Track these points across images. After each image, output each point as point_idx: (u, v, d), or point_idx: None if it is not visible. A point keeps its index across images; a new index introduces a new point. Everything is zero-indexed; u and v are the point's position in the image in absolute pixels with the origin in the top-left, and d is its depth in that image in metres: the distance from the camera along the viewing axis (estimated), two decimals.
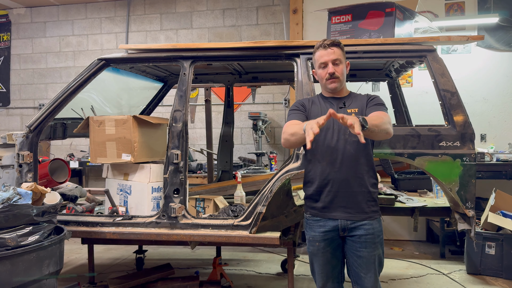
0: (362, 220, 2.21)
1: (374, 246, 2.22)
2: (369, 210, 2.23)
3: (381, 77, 3.95)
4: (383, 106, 2.29)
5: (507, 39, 5.14)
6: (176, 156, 2.90)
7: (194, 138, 6.31)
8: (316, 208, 2.27)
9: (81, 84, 3.08)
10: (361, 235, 2.21)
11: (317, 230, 2.27)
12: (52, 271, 2.46)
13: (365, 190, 2.22)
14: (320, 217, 2.26)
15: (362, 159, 2.22)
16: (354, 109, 2.28)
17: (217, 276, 3.58)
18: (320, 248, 2.27)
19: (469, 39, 2.90)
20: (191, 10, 6.33)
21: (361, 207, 2.21)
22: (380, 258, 2.26)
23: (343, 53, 2.31)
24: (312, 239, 2.30)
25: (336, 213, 2.23)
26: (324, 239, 2.26)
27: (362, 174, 2.21)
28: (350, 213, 2.21)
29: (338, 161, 2.20)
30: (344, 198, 2.21)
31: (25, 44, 6.89)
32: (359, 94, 2.42)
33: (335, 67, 2.26)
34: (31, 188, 2.57)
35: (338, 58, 2.26)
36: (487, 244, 3.99)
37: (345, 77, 2.32)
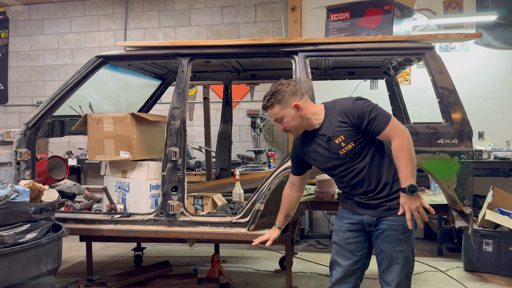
0: (386, 216, 2.22)
1: (397, 242, 2.20)
2: (394, 206, 2.21)
3: (379, 75, 3.95)
4: (379, 117, 2.13)
5: (505, 37, 5.15)
6: (174, 153, 2.90)
7: (192, 136, 6.31)
8: (348, 203, 2.35)
9: (79, 81, 3.08)
10: (384, 229, 2.22)
11: (344, 221, 2.34)
12: (50, 268, 2.46)
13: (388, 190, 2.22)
14: (350, 211, 2.33)
15: (374, 168, 2.21)
16: (340, 138, 2.18)
17: (215, 273, 3.58)
18: (344, 239, 2.32)
19: (467, 36, 2.90)
20: (189, 8, 6.32)
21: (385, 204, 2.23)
22: (406, 256, 2.21)
23: (281, 105, 2.23)
24: (338, 228, 2.37)
25: (362, 209, 2.28)
26: (350, 230, 2.31)
27: (375, 178, 2.22)
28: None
29: (355, 182, 2.24)
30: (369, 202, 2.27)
31: (23, 41, 6.88)
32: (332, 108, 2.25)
33: (280, 125, 2.28)
34: (29, 186, 2.56)
35: (277, 118, 2.26)
36: (485, 241, 4.00)
37: (298, 122, 2.24)
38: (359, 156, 2.19)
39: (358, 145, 2.17)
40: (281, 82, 2.31)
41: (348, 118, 2.16)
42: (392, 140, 2.11)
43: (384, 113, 2.15)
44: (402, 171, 2.09)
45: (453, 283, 3.84)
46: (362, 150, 2.19)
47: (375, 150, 2.22)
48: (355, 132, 2.16)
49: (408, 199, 2.09)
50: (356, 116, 2.14)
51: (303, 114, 2.24)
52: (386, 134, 2.12)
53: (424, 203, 2.11)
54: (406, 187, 2.07)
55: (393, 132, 2.11)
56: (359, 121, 2.14)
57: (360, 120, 2.14)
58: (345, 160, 2.21)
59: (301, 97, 2.27)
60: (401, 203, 2.12)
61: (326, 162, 2.27)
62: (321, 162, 2.29)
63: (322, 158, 2.27)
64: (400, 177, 2.11)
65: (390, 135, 2.11)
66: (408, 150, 2.08)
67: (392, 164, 2.21)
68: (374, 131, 2.14)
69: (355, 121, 2.15)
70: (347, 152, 2.18)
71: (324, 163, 2.28)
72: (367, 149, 2.20)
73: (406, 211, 2.10)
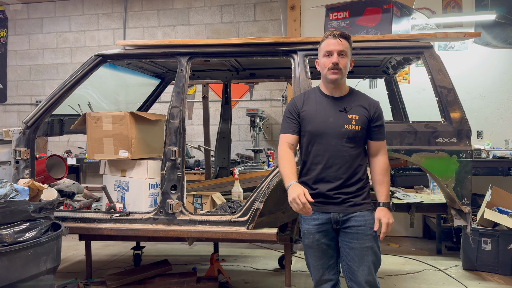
0: (353, 212, 2.25)
1: (367, 238, 2.23)
2: (361, 202, 2.26)
3: (379, 74, 3.95)
4: (384, 130, 2.35)
5: (504, 36, 5.15)
6: (174, 152, 2.90)
7: (191, 135, 6.31)
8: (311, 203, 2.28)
9: (78, 80, 3.07)
10: (353, 226, 2.24)
11: (311, 223, 2.30)
12: (49, 267, 2.46)
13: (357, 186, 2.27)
14: (314, 210, 2.27)
15: (355, 162, 2.27)
16: (355, 116, 2.26)
17: (214, 272, 3.59)
18: (315, 240, 2.29)
19: (466, 35, 2.90)
20: (189, 7, 6.31)
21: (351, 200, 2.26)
22: (375, 251, 2.25)
23: (351, 47, 2.29)
24: (306, 232, 2.33)
25: (328, 206, 2.27)
26: (319, 231, 2.29)
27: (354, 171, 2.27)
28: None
29: (336, 163, 2.25)
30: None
31: (21, 40, 6.87)
32: (360, 94, 2.37)
33: (340, 58, 2.22)
34: (28, 185, 2.56)
35: (344, 50, 2.23)
36: (483, 240, 4.01)
37: (347, 71, 2.29)
38: (354, 142, 2.26)
39: (361, 133, 2.26)
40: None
41: (370, 110, 2.29)
42: (381, 155, 2.31)
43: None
44: (385, 187, 2.27)
45: (451, 281, 3.85)
46: (359, 140, 2.28)
47: (363, 149, 2.34)
48: (367, 123, 2.28)
49: (390, 214, 2.24)
50: (376, 114, 2.30)
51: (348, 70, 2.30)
52: (381, 145, 2.32)
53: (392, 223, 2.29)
54: (390, 203, 2.26)
55: (385, 150, 2.35)
56: (376, 119, 2.29)
57: (376, 119, 2.30)
58: (343, 135, 2.23)
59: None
60: (379, 217, 2.23)
61: (325, 126, 2.24)
62: (318, 124, 2.26)
63: (324, 121, 2.25)
64: (383, 192, 2.27)
65: (383, 150, 2.33)
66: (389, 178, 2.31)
67: (366, 167, 2.34)
68: (377, 136, 2.30)
69: (373, 117, 2.29)
70: (351, 130, 2.24)
71: (321, 126, 2.25)
72: (362, 142, 2.30)
73: (384, 224, 2.21)
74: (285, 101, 5.92)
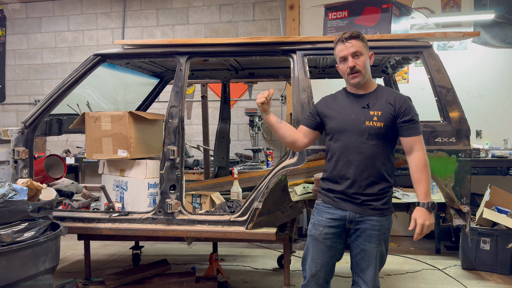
0: (370, 216, 2.23)
1: (379, 242, 2.24)
2: (380, 207, 2.23)
3: (377, 73, 3.95)
4: (417, 125, 2.23)
5: (503, 36, 5.15)
6: (173, 152, 2.90)
7: (190, 134, 6.31)
8: (329, 197, 2.31)
9: (77, 79, 3.07)
10: (367, 229, 2.22)
11: (324, 216, 2.30)
12: (48, 267, 2.46)
13: (378, 188, 2.23)
14: (331, 205, 2.29)
15: (377, 160, 2.22)
16: (377, 112, 2.22)
17: (213, 271, 3.59)
18: (323, 234, 2.28)
19: (465, 35, 2.90)
20: (188, 6, 6.31)
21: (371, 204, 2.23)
22: (383, 255, 2.29)
23: (364, 44, 2.26)
24: (317, 222, 2.31)
25: (346, 204, 2.26)
26: (329, 226, 2.28)
27: (377, 170, 2.22)
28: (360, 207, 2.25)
29: (356, 160, 2.22)
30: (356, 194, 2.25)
31: (20, 39, 6.85)
32: (388, 90, 2.34)
33: (356, 60, 2.22)
34: (26, 184, 2.56)
35: (357, 51, 2.22)
36: (482, 239, 4.02)
37: (368, 69, 2.27)
38: (377, 139, 2.20)
39: (384, 129, 2.21)
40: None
41: (395, 104, 2.22)
42: (417, 151, 2.20)
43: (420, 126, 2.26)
44: (424, 185, 2.16)
45: (450, 281, 3.85)
46: (383, 137, 2.21)
47: (388, 147, 2.25)
48: (392, 119, 2.21)
49: (427, 215, 2.15)
50: (403, 108, 2.21)
51: (369, 68, 2.28)
52: (414, 141, 2.20)
53: (433, 225, 2.18)
54: (429, 203, 2.15)
55: (421, 145, 2.21)
56: (402, 114, 2.20)
57: (403, 114, 2.21)
58: (363, 132, 2.20)
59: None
60: (416, 217, 2.16)
61: (345, 123, 2.25)
62: (339, 121, 2.27)
63: (345, 118, 2.26)
64: (421, 190, 2.16)
65: (417, 145, 2.20)
66: (429, 167, 2.20)
67: (391, 167, 2.26)
68: (407, 132, 2.21)
69: (399, 112, 2.21)
70: (372, 127, 2.20)
71: (342, 123, 2.26)
72: (386, 140, 2.23)
73: (419, 225, 2.14)
74: (284, 101, 5.92)
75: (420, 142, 2.21)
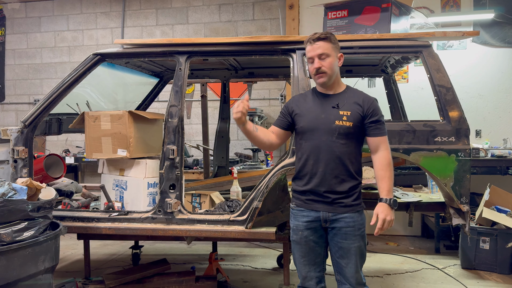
0: (343, 213, 2.26)
1: (355, 238, 2.26)
2: (351, 203, 2.27)
3: (377, 73, 3.95)
4: (383, 126, 2.30)
5: (502, 35, 5.16)
6: (172, 151, 2.90)
7: (190, 134, 6.31)
8: (301, 199, 2.35)
9: (76, 79, 3.07)
10: (342, 227, 2.26)
11: (300, 220, 2.34)
12: (47, 266, 2.46)
13: (347, 186, 2.27)
14: (304, 208, 2.34)
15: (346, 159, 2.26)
16: (347, 112, 2.27)
17: (213, 271, 3.59)
18: (303, 237, 2.33)
19: (464, 34, 2.91)
20: (187, 5, 6.30)
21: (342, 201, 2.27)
22: (362, 250, 2.30)
23: (333, 45, 2.30)
24: (295, 228, 2.37)
25: (318, 205, 2.30)
26: (307, 228, 2.33)
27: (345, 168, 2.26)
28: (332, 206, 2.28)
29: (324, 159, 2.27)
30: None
31: (19, 39, 6.85)
32: (356, 91, 2.39)
33: (322, 62, 2.27)
34: (26, 184, 2.56)
35: (324, 53, 2.26)
36: (482, 239, 4.02)
37: (335, 70, 2.31)
38: (346, 138, 2.26)
39: (353, 129, 2.26)
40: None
41: (364, 105, 2.28)
42: (382, 151, 2.27)
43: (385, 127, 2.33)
44: (387, 183, 2.23)
45: (450, 280, 3.86)
46: (352, 136, 2.27)
47: (356, 146, 2.31)
48: (360, 119, 2.27)
49: (388, 210, 2.20)
50: (371, 110, 2.28)
51: (338, 70, 2.34)
52: (381, 141, 2.28)
53: (393, 222, 2.23)
54: (390, 199, 2.21)
55: (386, 145, 2.29)
56: (370, 115, 2.27)
57: (371, 115, 2.27)
58: (333, 131, 2.25)
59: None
60: (377, 212, 2.21)
61: (316, 122, 2.29)
62: (309, 120, 2.31)
63: (315, 117, 2.30)
64: (384, 188, 2.23)
65: (383, 145, 2.28)
66: (392, 166, 2.27)
67: (359, 166, 2.32)
68: (374, 132, 2.27)
69: (367, 112, 2.27)
70: (342, 126, 2.24)
71: (312, 122, 2.30)
72: (354, 139, 2.29)
73: (380, 219, 2.18)
74: (283, 100, 5.92)
75: (385, 142, 2.29)
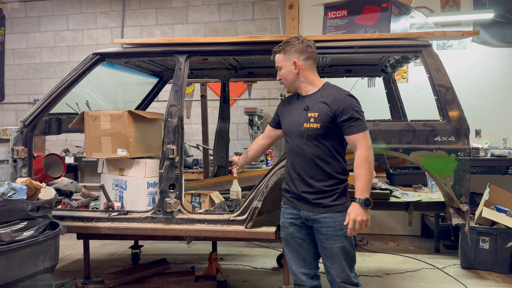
0: (322, 213, 2.25)
1: (337, 238, 2.22)
2: (330, 204, 2.24)
3: (377, 73, 3.95)
4: (357, 122, 2.18)
5: (502, 35, 5.16)
6: (172, 151, 2.89)
7: (190, 134, 6.31)
8: (286, 197, 2.41)
9: (76, 79, 3.06)
10: (323, 227, 2.25)
11: (286, 217, 2.39)
12: (47, 266, 2.45)
13: (324, 186, 2.25)
14: (289, 205, 2.38)
15: (320, 160, 2.24)
16: (314, 113, 2.23)
17: (213, 271, 3.59)
18: (289, 234, 2.36)
19: (464, 34, 2.91)
20: (187, 5, 6.30)
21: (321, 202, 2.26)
22: (346, 250, 2.24)
23: (285, 55, 2.31)
24: (282, 225, 2.42)
25: (299, 204, 2.32)
26: (292, 225, 2.36)
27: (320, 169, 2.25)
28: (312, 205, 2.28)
29: (298, 161, 2.29)
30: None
31: (19, 38, 6.85)
32: (329, 89, 2.30)
33: (280, 73, 2.36)
34: (26, 183, 2.55)
35: (278, 66, 2.34)
36: (481, 238, 4.02)
37: (290, 79, 2.33)
38: (316, 140, 2.24)
39: (322, 130, 2.22)
40: (298, 37, 2.35)
41: (332, 105, 2.20)
42: (358, 148, 2.17)
43: (364, 122, 2.21)
44: (361, 181, 2.14)
45: (450, 280, 3.86)
46: (323, 137, 2.23)
47: (332, 145, 2.25)
48: (329, 119, 2.21)
49: (359, 210, 2.12)
50: (340, 108, 2.18)
51: (299, 74, 2.31)
52: (356, 139, 2.17)
53: (369, 222, 2.15)
54: (362, 199, 2.12)
55: (363, 142, 2.17)
56: (340, 114, 2.18)
57: (341, 114, 2.18)
58: (302, 133, 2.26)
59: (307, 59, 2.31)
60: (349, 211, 2.15)
61: (290, 125, 2.34)
62: (287, 123, 2.37)
63: (290, 120, 2.34)
64: (358, 186, 2.15)
65: (359, 143, 2.17)
66: (370, 163, 2.15)
67: (340, 165, 2.26)
68: (348, 130, 2.19)
69: (336, 112, 2.19)
70: (309, 128, 2.23)
71: (288, 126, 2.36)
72: (327, 139, 2.24)
73: (351, 220, 2.12)
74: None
75: (363, 139, 2.17)
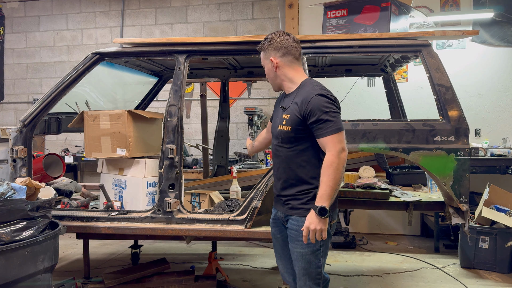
0: (290, 215, 2.21)
1: (297, 243, 2.14)
2: (298, 206, 2.17)
3: (377, 72, 3.95)
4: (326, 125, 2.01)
5: (501, 34, 5.15)
6: (171, 151, 2.89)
7: (189, 133, 6.30)
8: (274, 198, 2.43)
9: (76, 78, 3.06)
10: (289, 228, 2.23)
11: (271, 217, 2.44)
12: (47, 266, 2.45)
13: (296, 189, 2.18)
14: (273, 206, 2.42)
15: (293, 164, 2.16)
16: (287, 115, 2.14)
17: (212, 270, 3.59)
18: (273, 234, 2.42)
19: (464, 34, 2.91)
20: (186, 5, 6.30)
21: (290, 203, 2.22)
22: (305, 258, 2.13)
23: (265, 53, 2.25)
24: (270, 224, 2.46)
25: (277, 205, 2.35)
26: (274, 225, 2.39)
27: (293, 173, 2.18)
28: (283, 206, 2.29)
29: (276, 163, 2.29)
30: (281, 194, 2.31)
31: (19, 38, 6.84)
32: (303, 88, 2.15)
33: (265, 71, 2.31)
34: (25, 183, 2.55)
35: (262, 64, 2.31)
36: (481, 238, 4.02)
37: (273, 76, 2.24)
38: (289, 142, 2.15)
39: (293, 133, 2.12)
40: (278, 32, 2.22)
41: (301, 106, 2.07)
42: (326, 152, 2.02)
43: (336, 122, 2.02)
44: (322, 188, 1.99)
45: (449, 279, 3.86)
46: (295, 140, 2.13)
47: (307, 149, 2.13)
48: (300, 122, 2.09)
49: (313, 219, 1.99)
50: (308, 110, 2.04)
51: (278, 72, 2.21)
52: (324, 142, 2.03)
53: (325, 232, 2.00)
54: (317, 208, 1.97)
55: (331, 145, 2.00)
56: (309, 116, 2.04)
57: (309, 115, 2.04)
58: (277, 135, 2.23)
59: (283, 56, 2.18)
60: (306, 218, 2.04)
61: (273, 126, 2.34)
62: (272, 123, 2.38)
63: (274, 120, 2.34)
64: (318, 193, 2.01)
65: (327, 146, 2.01)
66: (335, 170, 1.96)
67: (314, 169, 2.13)
68: (316, 133, 2.05)
69: (305, 114, 2.06)
70: (282, 131, 2.16)
71: (272, 126, 2.37)
72: (300, 143, 2.13)
73: (305, 227, 2.02)
74: None
75: (331, 142, 2.00)
